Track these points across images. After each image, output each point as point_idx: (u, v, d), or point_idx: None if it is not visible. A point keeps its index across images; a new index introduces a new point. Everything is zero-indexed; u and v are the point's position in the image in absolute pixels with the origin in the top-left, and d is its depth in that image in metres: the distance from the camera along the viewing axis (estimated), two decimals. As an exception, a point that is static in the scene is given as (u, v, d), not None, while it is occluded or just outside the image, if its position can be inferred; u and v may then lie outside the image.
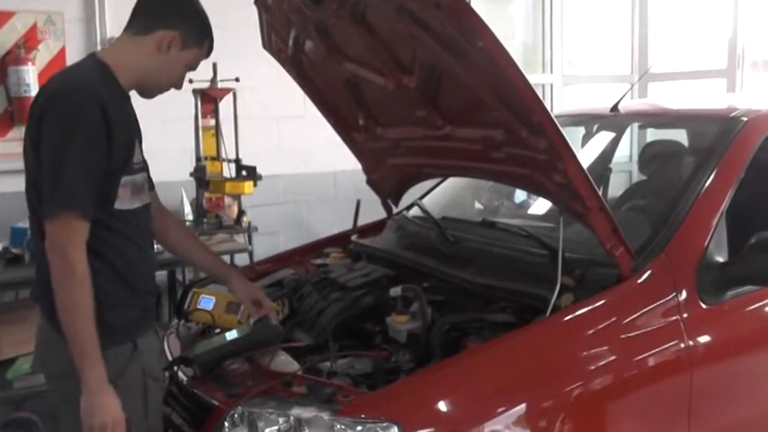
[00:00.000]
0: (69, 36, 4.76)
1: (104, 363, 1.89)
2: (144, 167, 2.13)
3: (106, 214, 1.94)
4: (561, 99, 6.44)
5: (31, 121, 1.95)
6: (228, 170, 4.64)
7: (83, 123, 1.86)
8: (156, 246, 2.35)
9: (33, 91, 4.56)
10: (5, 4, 4.56)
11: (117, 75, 2.02)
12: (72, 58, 4.76)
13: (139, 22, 2.07)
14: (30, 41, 4.62)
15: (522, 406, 1.90)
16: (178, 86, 2.18)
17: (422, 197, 3.34)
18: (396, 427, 1.79)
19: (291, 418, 1.87)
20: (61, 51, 4.74)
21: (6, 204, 4.06)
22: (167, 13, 2.07)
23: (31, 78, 4.55)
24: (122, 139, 1.96)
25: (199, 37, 2.11)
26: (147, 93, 2.14)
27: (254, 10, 2.74)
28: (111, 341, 1.93)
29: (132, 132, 2.04)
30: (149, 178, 2.21)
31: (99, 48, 4.80)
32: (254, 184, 4.51)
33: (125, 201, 2.00)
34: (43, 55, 4.68)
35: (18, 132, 4.60)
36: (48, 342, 2.04)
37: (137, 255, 2.05)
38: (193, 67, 2.17)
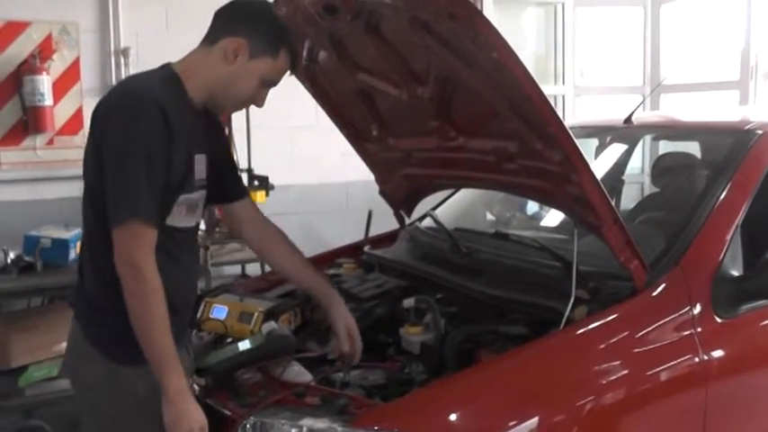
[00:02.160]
0: (84, 46, 4.79)
1: (134, 379, 1.89)
2: (204, 186, 2.07)
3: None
4: (573, 110, 6.43)
5: (93, 128, 1.92)
6: (240, 180, 4.65)
7: (144, 131, 1.82)
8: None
9: (47, 100, 4.59)
10: (21, 15, 4.60)
11: (187, 86, 1.97)
12: (86, 68, 4.80)
13: (210, 32, 2.02)
14: (45, 51, 4.65)
15: (535, 419, 1.89)
16: (257, 102, 2.09)
17: (434, 208, 3.34)
18: (409, 439, 1.78)
19: (304, 428, 1.87)
20: (75, 61, 4.77)
21: (20, 212, 4.09)
22: (234, 20, 1.99)
23: (45, 88, 4.57)
24: (183, 153, 1.92)
25: (270, 46, 1.99)
26: (220, 107, 2.08)
27: (269, 21, 2.74)
28: (140, 359, 1.89)
29: (194, 148, 1.98)
30: (242, 186, 2.28)
31: (112, 58, 4.84)
32: (266, 194, 4.53)
33: (179, 218, 1.96)
34: (58, 65, 4.71)
35: (32, 141, 4.62)
36: (78, 351, 2.02)
37: (177, 273, 1.99)
38: (271, 80, 2.05)
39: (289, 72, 2.10)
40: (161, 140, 1.84)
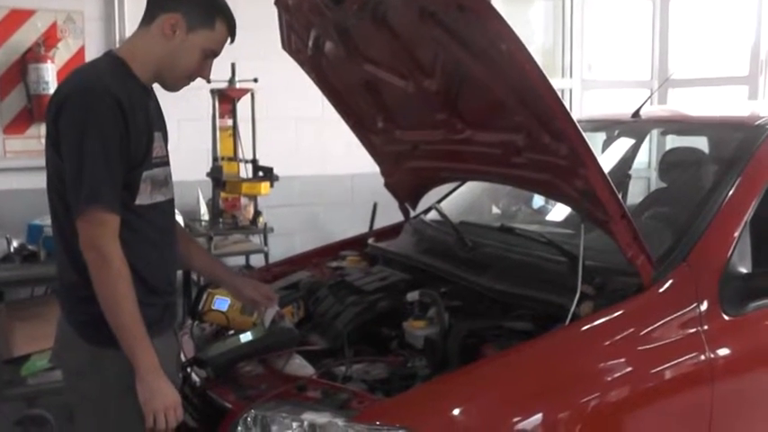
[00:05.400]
0: (88, 35, 4.77)
1: (117, 362, 1.90)
2: (166, 162, 2.10)
3: (126, 210, 1.94)
4: (580, 104, 6.40)
5: (48, 120, 1.95)
6: (245, 171, 4.64)
7: (98, 119, 1.86)
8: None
9: (52, 89, 4.56)
10: (26, 3, 4.58)
11: (133, 69, 2.01)
12: (91, 56, 4.73)
13: (146, 12, 2.06)
14: (49, 40, 4.63)
15: (539, 416, 1.88)
16: (203, 75, 2.11)
17: (440, 201, 3.32)
18: (410, 435, 1.76)
19: (305, 423, 1.86)
20: (80, 50, 4.75)
21: (24, 201, 4.08)
22: None
23: (50, 76, 4.56)
24: (140, 133, 1.95)
25: (206, 17, 2.03)
26: (169, 84, 2.10)
27: (274, 10, 2.72)
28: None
29: (152, 126, 2.02)
30: None
31: (117, 47, 4.81)
32: (271, 185, 4.50)
33: (145, 196, 1.99)
34: (62, 53, 4.69)
35: (36, 130, 4.61)
36: (65, 339, 2.05)
37: (153, 253, 2.03)
38: (212, 51, 2.08)
39: (229, 41, 2.12)
40: (115, 126, 1.87)
